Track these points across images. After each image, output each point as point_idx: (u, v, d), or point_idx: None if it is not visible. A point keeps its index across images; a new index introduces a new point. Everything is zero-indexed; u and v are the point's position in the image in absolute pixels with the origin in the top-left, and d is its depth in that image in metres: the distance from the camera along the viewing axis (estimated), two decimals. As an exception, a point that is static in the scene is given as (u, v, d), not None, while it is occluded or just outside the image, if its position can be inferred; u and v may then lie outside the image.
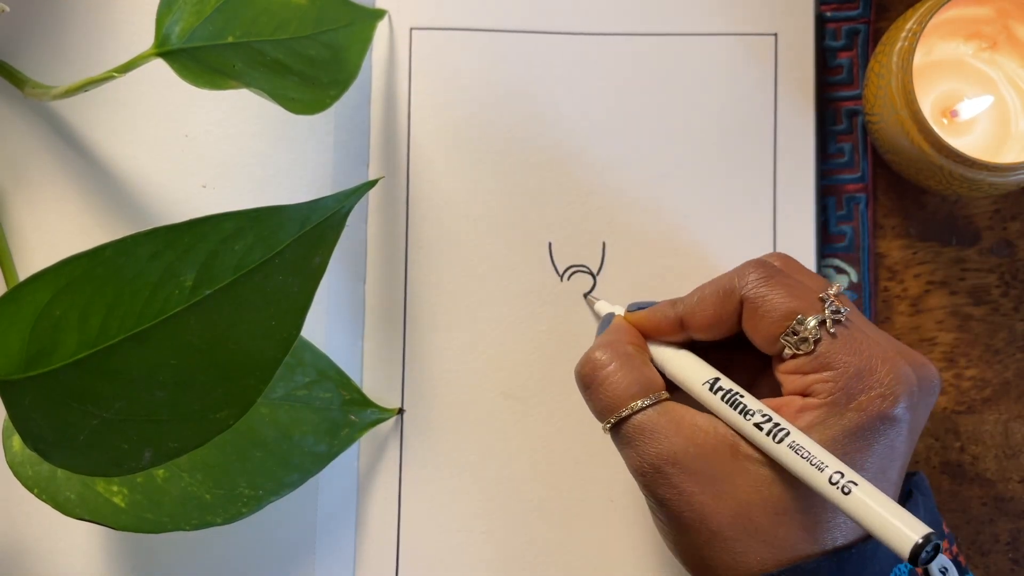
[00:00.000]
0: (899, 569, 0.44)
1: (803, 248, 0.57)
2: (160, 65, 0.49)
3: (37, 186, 0.58)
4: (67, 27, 0.59)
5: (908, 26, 0.51)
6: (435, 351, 0.58)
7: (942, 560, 0.45)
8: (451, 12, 0.59)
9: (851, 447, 0.42)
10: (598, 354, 0.48)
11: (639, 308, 0.51)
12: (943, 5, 0.50)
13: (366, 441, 0.57)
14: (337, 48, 0.54)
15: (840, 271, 0.58)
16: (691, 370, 0.48)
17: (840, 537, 0.43)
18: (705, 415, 0.46)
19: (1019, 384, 0.58)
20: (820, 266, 0.58)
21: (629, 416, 0.46)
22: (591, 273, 0.58)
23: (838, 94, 0.59)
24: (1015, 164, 0.49)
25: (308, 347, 0.54)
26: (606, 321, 0.52)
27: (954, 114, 0.54)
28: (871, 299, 0.58)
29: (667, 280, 0.57)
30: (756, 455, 0.44)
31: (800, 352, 0.44)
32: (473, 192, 0.58)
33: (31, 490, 0.47)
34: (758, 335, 0.46)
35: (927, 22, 0.50)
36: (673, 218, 0.58)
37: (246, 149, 0.58)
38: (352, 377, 0.55)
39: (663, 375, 0.49)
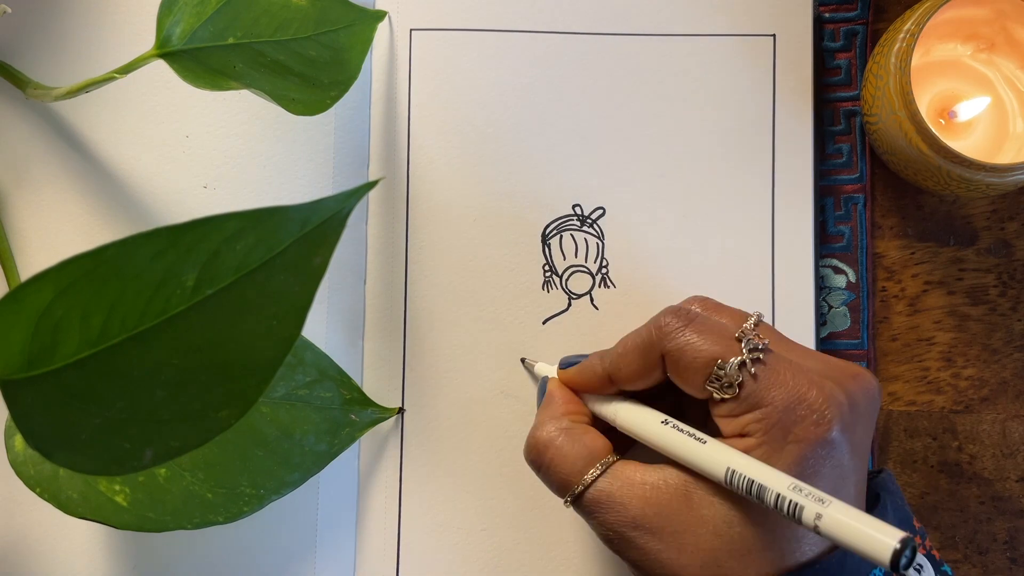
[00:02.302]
0: (875, 573, 0.44)
1: (801, 248, 0.57)
2: (161, 66, 0.49)
3: (39, 186, 0.58)
4: (68, 28, 0.59)
5: (906, 27, 0.51)
6: (435, 351, 0.58)
7: (916, 558, 0.45)
8: (451, 13, 0.59)
9: (800, 477, 0.42)
10: (539, 434, 0.49)
11: (570, 364, 0.52)
12: (941, 6, 0.50)
13: (367, 440, 0.57)
14: (338, 49, 0.54)
15: (838, 271, 0.58)
16: (640, 417, 0.48)
17: (808, 552, 0.43)
18: (654, 468, 0.46)
19: (1017, 383, 0.58)
20: (818, 266, 0.58)
21: (583, 490, 0.47)
22: (590, 273, 0.58)
23: (836, 95, 0.59)
24: (1012, 164, 0.50)
25: (309, 347, 0.54)
26: (542, 387, 0.53)
27: (952, 115, 0.54)
28: (869, 299, 0.58)
29: (667, 280, 0.57)
30: (711, 498, 0.44)
31: (727, 396, 0.44)
32: (473, 192, 0.58)
33: (33, 489, 0.47)
34: (685, 384, 0.46)
35: (925, 23, 0.50)
36: (671, 218, 0.58)
37: (247, 150, 0.58)
38: (352, 376, 0.55)
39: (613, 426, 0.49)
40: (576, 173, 0.58)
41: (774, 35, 0.58)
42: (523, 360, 0.58)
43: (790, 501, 0.40)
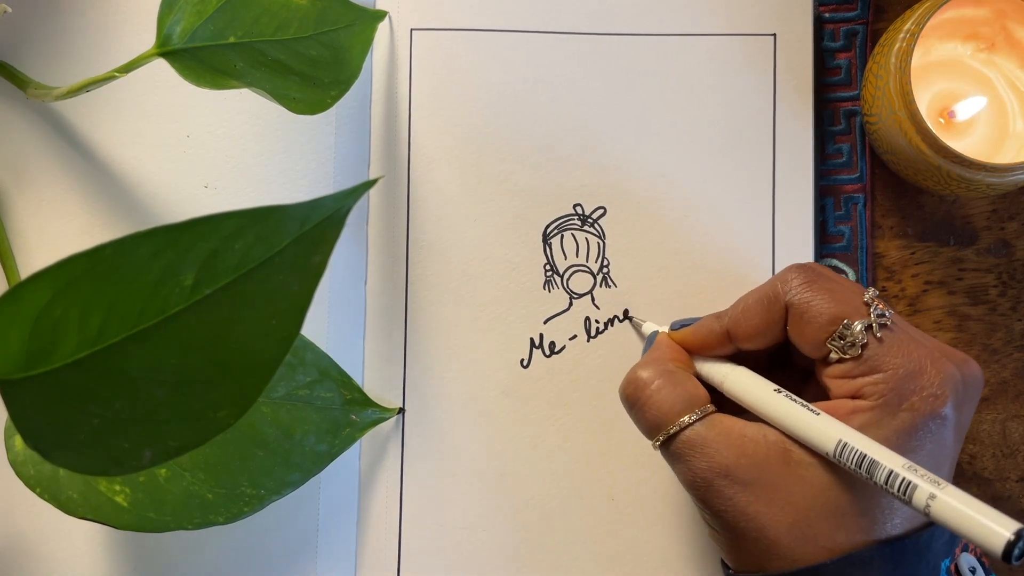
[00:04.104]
0: (946, 563, 0.44)
1: (802, 248, 0.57)
2: (162, 65, 0.49)
3: (39, 186, 0.58)
4: (69, 28, 0.59)
5: (906, 27, 0.51)
6: (436, 351, 0.58)
7: (969, 559, 0.45)
8: (451, 13, 0.59)
9: (904, 446, 0.42)
10: (641, 372, 0.48)
11: (683, 325, 0.51)
12: (941, 6, 0.50)
13: (367, 440, 0.57)
14: (338, 48, 0.54)
15: (838, 271, 0.58)
16: (753, 384, 0.47)
17: (897, 527, 0.43)
18: (754, 424, 0.46)
19: (1016, 383, 0.58)
20: (819, 266, 0.58)
21: (677, 432, 0.46)
22: (591, 272, 0.58)
23: (836, 95, 0.59)
24: (1012, 164, 0.49)
25: (309, 347, 0.54)
26: (650, 340, 0.52)
27: (951, 115, 0.54)
28: (870, 299, 0.58)
29: (667, 280, 0.57)
30: (809, 459, 0.44)
31: (847, 356, 0.44)
32: (473, 192, 0.58)
33: (33, 489, 0.47)
34: (804, 340, 0.46)
35: (925, 23, 0.50)
36: (673, 218, 0.58)
37: (247, 149, 0.58)
38: (353, 376, 0.55)
39: (710, 390, 0.49)
40: (577, 172, 0.58)
41: (774, 35, 0.58)
42: (630, 318, 0.57)
43: (903, 479, 0.40)
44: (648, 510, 0.57)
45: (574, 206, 0.58)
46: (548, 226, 0.58)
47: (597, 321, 0.58)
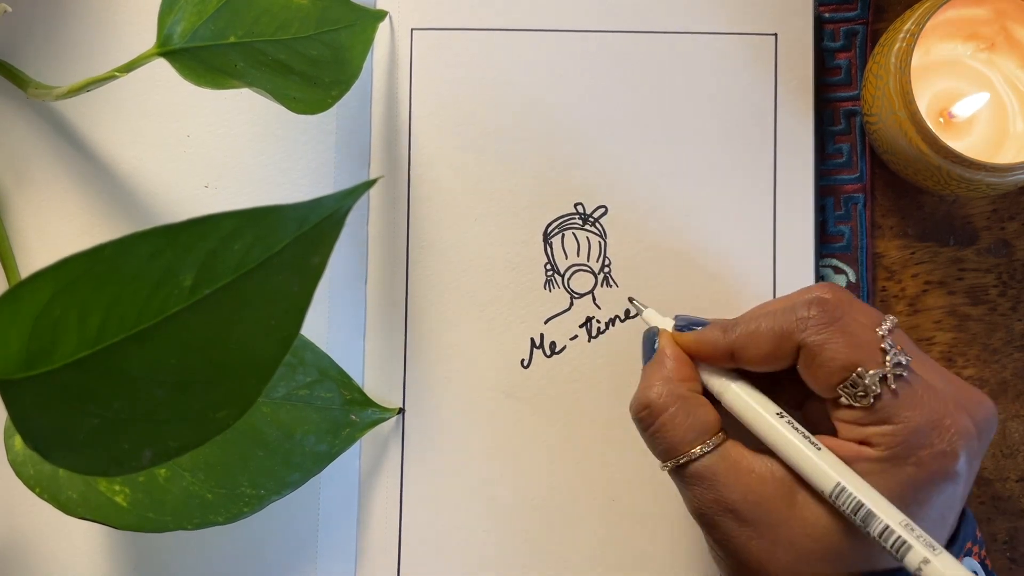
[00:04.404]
0: None
1: (802, 248, 0.57)
2: (162, 65, 0.49)
3: (39, 186, 0.58)
4: (69, 27, 0.59)
5: (906, 27, 0.51)
6: (436, 350, 0.58)
7: (972, 563, 0.45)
8: (451, 12, 0.59)
9: (909, 499, 0.42)
10: (652, 395, 0.47)
11: (687, 325, 0.49)
12: (941, 6, 0.50)
13: (367, 440, 0.57)
14: (339, 48, 0.54)
15: (838, 271, 0.58)
16: (753, 405, 0.47)
17: (892, 561, 0.43)
18: (762, 458, 0.45)
19: (1016, 384, 0.58)
20: (818, 266, 0.58)
21: (688, 462, 0.46)
22: (592, 272, 0.58)
23: (836, 95, 0.59)
24: (1012, 164, 0.49)
25: (309, 347, 0.54)
26: (650, 338, 0.51)
27: (951, 115, 0.54)
28: (869, 299, 0.58)
29: (668, 279, 0.57)
30: (813, 501, 0.44)
31: (858, 405, 0.43)
32: (474, 191, 0.58)
33: (33, 489, 0.47)
34: (815, 382, 0.45)
35: (925, 23, 0.50)
36: (673, 217, 0.58)
37: (248, 149, 0.58)
38: (353, 377, 0.55)
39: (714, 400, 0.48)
40: (578, 172, 0.58)
41: (775, 34, 0.58)
42: (631, 299, 0.55)
43: (898, 537, 0.40)
44: (649, 511, 0.57)
45: (575, 205, 0.58)
46: (549, 225, 0.58)
47: (598, 321, 0.58)
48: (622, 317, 0.58)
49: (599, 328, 0.58)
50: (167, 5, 0.49)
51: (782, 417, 0.45)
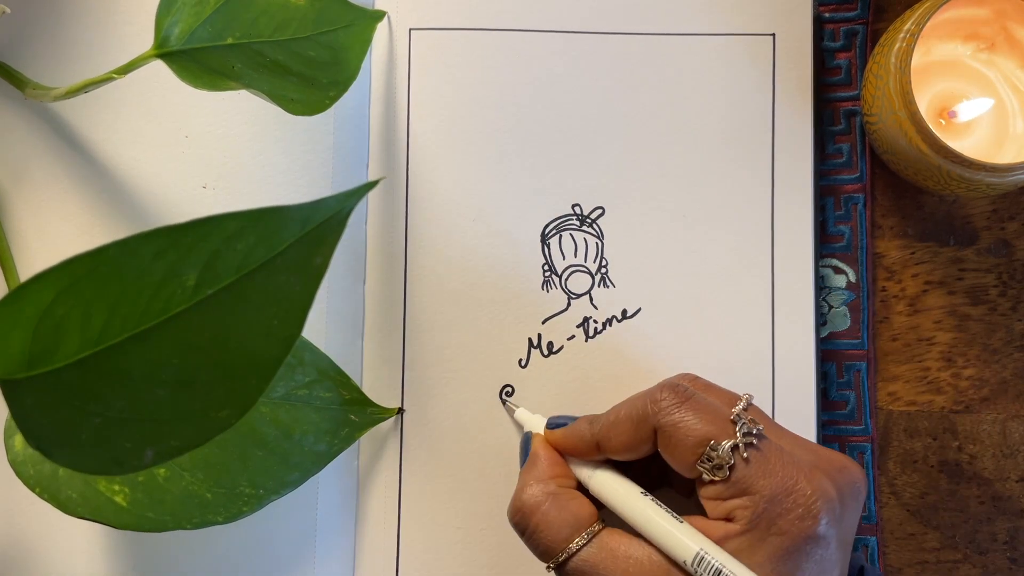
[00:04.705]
0: None
1: (801, 248, 0.57)
2: (160, 66, 0.49)
3: (38, 187, 0.58)
4: (67, 29, 0.59)
5: (906, 27, 0.51)
6: (435, 351, 0.58)
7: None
8: (450, 12, 0.59)
9: (781, 569, 0.42)
10: (526, 497, 0.48)
11: (558, 424, 0.51)
12: (941, 6, 0.50)
13: (366, 440, 0.57)
14: (337, 49, 0.54)
15: (838, 271, 0.58)
16: (615, 488, 0.48)
17: None
18: (640, 543, 0.46)
19: (1017, 383, 0.58)
20: (818, 266, 0.58)
21: (567, 559, 0.46)
22: (589, 272, 0.58)
23: (836, 95, 0.59)
24: (1012, 164, 0.50)
25: (308, 347, 0.54)
26: (526, 442, 0.53)
27: (952, 115, 0.54)
28: (869, 299, 0.58)
29: (665, 280, 0.57)
30: None
31: (717, 478, 0.44)
32: (472, 192, 0.58)
33: (33, 489, 0.47)
34: (675, 461, 0.46)
35: (925, 23, 0.50)
36: (672, 218, 0.58)
37: (246, 150, 0.58)
38: (352, 377, 0.55)
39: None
40: (576, 172, 0.58)
41: (774, 35, 0.58)
42: (504, 400, 0.57)
43: None
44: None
45: (573, 206, 0.58)
46: (546, 226, 0.58)
47: (595, 321, 0.58)
48: (619, 317, 0.58)
49: (596, 328, 0.58)
50: (164, 6, 0.49)
51: (645, 495, 0.46)
